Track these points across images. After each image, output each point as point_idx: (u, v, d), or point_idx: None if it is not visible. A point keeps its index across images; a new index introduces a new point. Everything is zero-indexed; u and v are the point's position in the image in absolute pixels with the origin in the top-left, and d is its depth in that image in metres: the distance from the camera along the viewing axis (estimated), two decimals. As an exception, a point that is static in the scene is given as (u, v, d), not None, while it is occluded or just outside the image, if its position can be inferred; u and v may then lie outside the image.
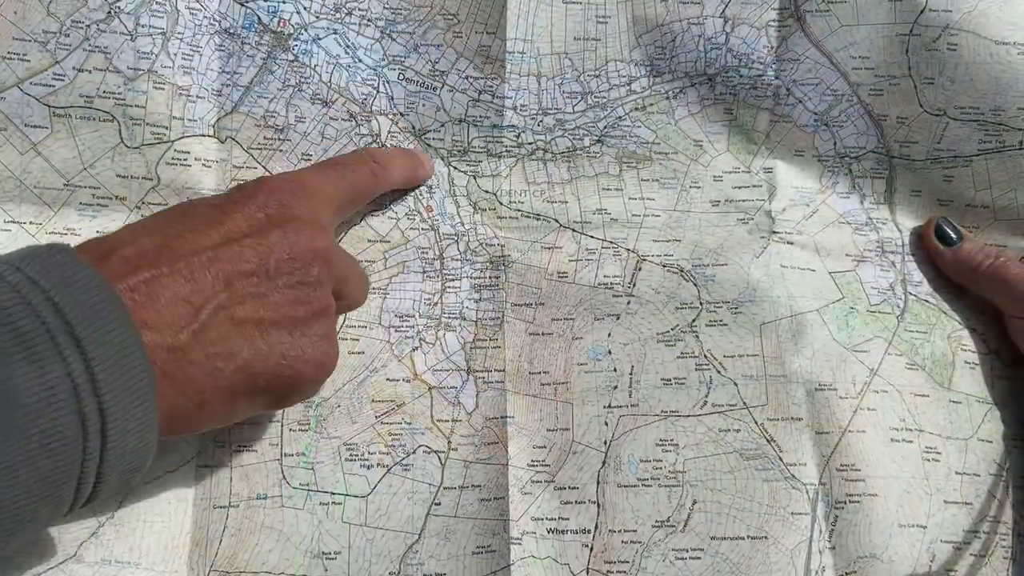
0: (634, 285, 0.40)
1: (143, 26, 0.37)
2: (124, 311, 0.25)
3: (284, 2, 0.40)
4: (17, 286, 0.23)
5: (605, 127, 0.42)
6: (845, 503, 0.37)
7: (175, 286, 0.27)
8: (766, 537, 0.36)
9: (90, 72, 0.36)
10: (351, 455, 0.36)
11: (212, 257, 0.28)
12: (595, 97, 0.42)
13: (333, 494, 0.36)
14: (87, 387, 0.23)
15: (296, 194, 0.31)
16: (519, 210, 0.41)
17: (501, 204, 0.41)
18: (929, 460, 0.39)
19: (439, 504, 0.36)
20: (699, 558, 0.36)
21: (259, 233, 0.29)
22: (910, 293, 0.42)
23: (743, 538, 0.36)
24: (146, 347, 0.25)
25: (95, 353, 0.23)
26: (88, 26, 0.36)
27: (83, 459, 0.24)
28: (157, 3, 0.37)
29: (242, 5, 0.39)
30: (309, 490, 0.36)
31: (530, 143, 0.42)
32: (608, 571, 0.36)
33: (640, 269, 0.41)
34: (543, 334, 0.39)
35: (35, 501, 0.23)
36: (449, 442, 0.37)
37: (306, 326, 0.30)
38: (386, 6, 0.41)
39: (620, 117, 0.42)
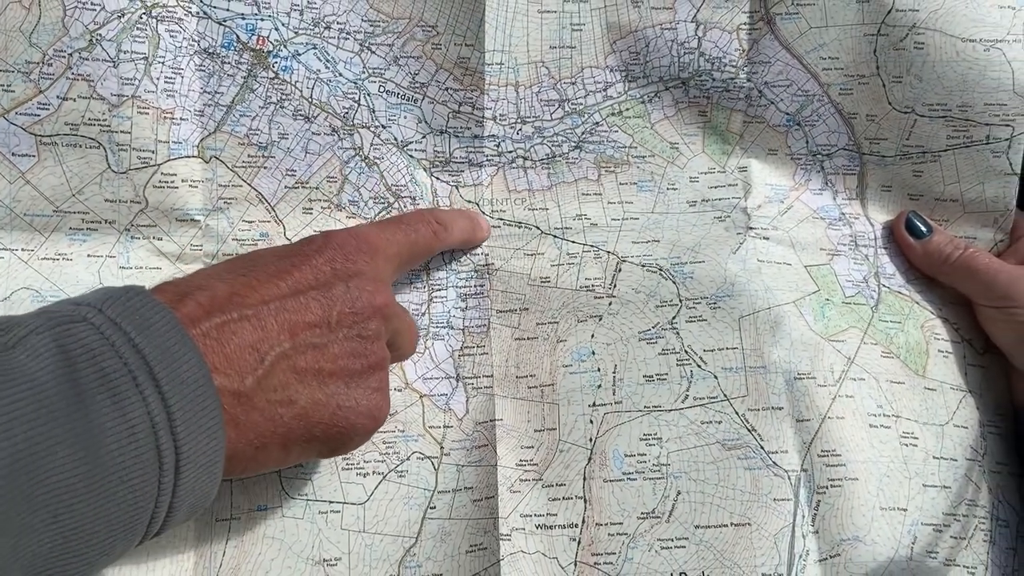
0: (615, 286, 0.42)
1: (125, 52, 0.38)
2: (198, 354, 0.26)
3: (262, 19, 0.40)
4: (100, 328, 0.25)
5: (583, 133, 0.43)
6: (827, 488, 0.38)
7: (244, 333, 0.28)
8: (749, 524, 0.37)
9: (74, 100, 0.37)
10: (347, 464, 0.38)
11: (279, 307, 0.29)
12: (572, 104, 0.43)
13: (331, 502, 0.37)
14: (164, 426, 0.24)
15: (361, 250, 0.32)
16: (501, 218, 0.42)
17: (484, 213, 0.42)
18: (907, 445, 0.40)
19: (434, 507, 0.38)
20: (684, 547, 0.37)
21: (324, 286, 0.30)
22: (883, 285, 0.43)
23: (727, 525, 0.38)
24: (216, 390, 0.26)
25: (172, 393, 0.25)
26: (70, 55, 0.37)
27: (158, 494, 0.25)
28: (138, 28, 0.38)
29: (220, 24, 0.40)
30: (308, 499, 0.37)
31: (510, 152, 0.43)
32: (595, 563, 0.37)
33: (620, 270, 0.42)
34: (528, 338, 0.41)
35: (115, 534, 0.24)
36: (441, 447, 0.39)
37: (362, 378, 0.31)
38: (364, 19, 0.41)
39: (597, 123, 0.43)
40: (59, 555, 0.23)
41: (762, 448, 0.39)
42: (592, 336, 0.41)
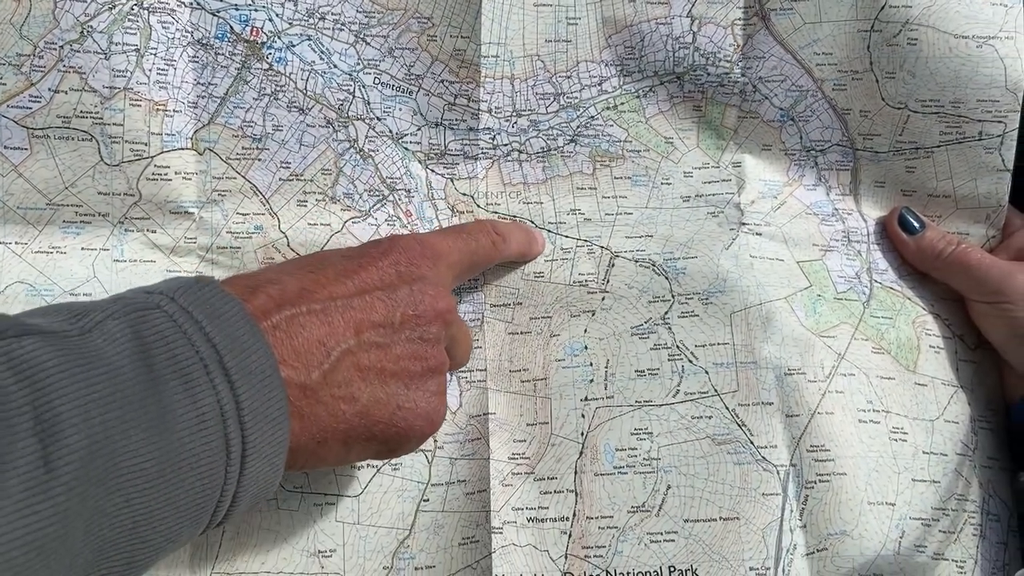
0: (608, 281, 0.42)
1: (117, 44, 0.37)
2: (267, 346, 0.26)
3: (256, 10, 0.40)
4: (173, 316, 0.25)
5: (578, 127, 0.43)
6: (815, 482, 0.39)
7: (312, 327, 0.28)
8: (738, 518, 0.38)
9: (66, 93, 0.37)
10: (340, 457, 0.38)
11: (346, 304, 0.30)
12: (567, 98, 0.43)
13: (326, 495, 0.37)
14: (233, 414, 0.25)
15: (425, 256, 0.33)
16: (496, 212, 0.42)
17: (478, 206, 0.42)
18: (896, 440, 0.40)
19: (427, 500, 0.38)
20: (673, 540, 0.38)
21: (389, 287, 0.31)
22: (875, 280, 0.44)
23: (715, 519, 0.38)
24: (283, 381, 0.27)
25: (240, 383, 0.25)
26: (62, 47, 0.37)
27: (224, 482, 0.25)
28: (130, 19, 0.38)
29: (213, 15, 0.40)
30: (303, 492, 0.37)
31: (505, 145, 0.43)
32: (586, 556, 0.38)
33: (613, 265, 0.42)
34: (522, 333, 0.41)
35: (182, 521, 0.25)
36: (435, 440, 0.39)
37: (421, 380, 0.31)
38: (359, 9, 0.41)
39: (592, 117, 0.43)
40: (127, 540, 0.23)
41: (751, 443, 0.39)
42: (585, 331, 0.41)
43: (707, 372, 0.40)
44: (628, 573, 0.37)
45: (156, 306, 0.25)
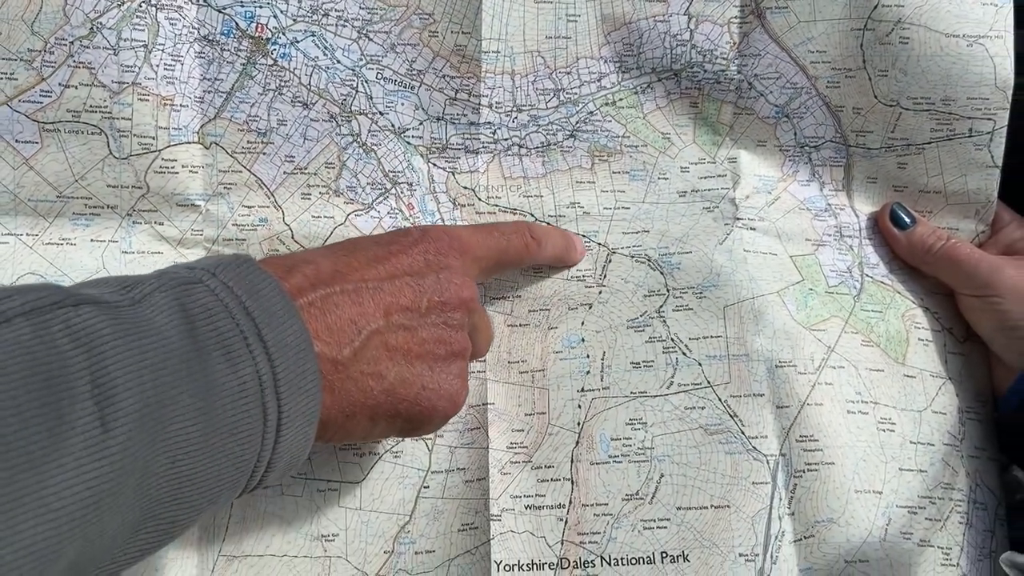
0: (605, 276, 0.43)
1: (125, 40, 0.38)
2: (301, 321, 0.28)
3: (261, 6, 0.41)
4: (216, 290, 0.26)
5: (577, 122, 0.44)
6: (804, 472, 0.39)
7: (344, 307, 0.30)
8: (729, 506, 0.39)
9: (76, 88, 0.38)
10: (345, 445, 0.39)
11: (376, 287, 0.31)
12: (567, 93, 0.44)
13: (329, 481, 0.39)
14: (270, 385, 0.26)
15: (452, 247, 0.34)
16: (497, 205, 0.43)
17: (479, 200, 0.43)
18: (884, 430, 0.41)
19: (427, 487, 0.39)
20: (665, 527, 0.39)
21: (417, 274, 0.32)
22: (867, 275, 0.44)
23: (707, 507, 0.39)
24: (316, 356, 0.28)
25: (277, 355, 0.26)
26: (72, 43, 0.37)
27: (260, 449, 0.27)
28: (138, 16, 0.38)
29: (219, 12, 0.40)
30: (307, 478, 0.38)
31: (506, 139, 0.44)
32: (581, 542, 0.39)
33: (610, 261, 0.43)
34: (520, 325, 0.42)
35: (222, 484, 0.26)
36: (435, 429, 0.40)
37: (445, 363, 0.33)
38: (362, 6, 0.42)
39: (591, 112, 0.44)
40: (172, 499, 0.25)
41: (743, 433, 0.40)
42: (582, 324, 0.42)
43: (700, 364, 0.41)
44: (622, 559, 0.38)
45: (199, 280, 0.27)
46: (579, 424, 0.40)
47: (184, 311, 0.25)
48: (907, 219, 0.44)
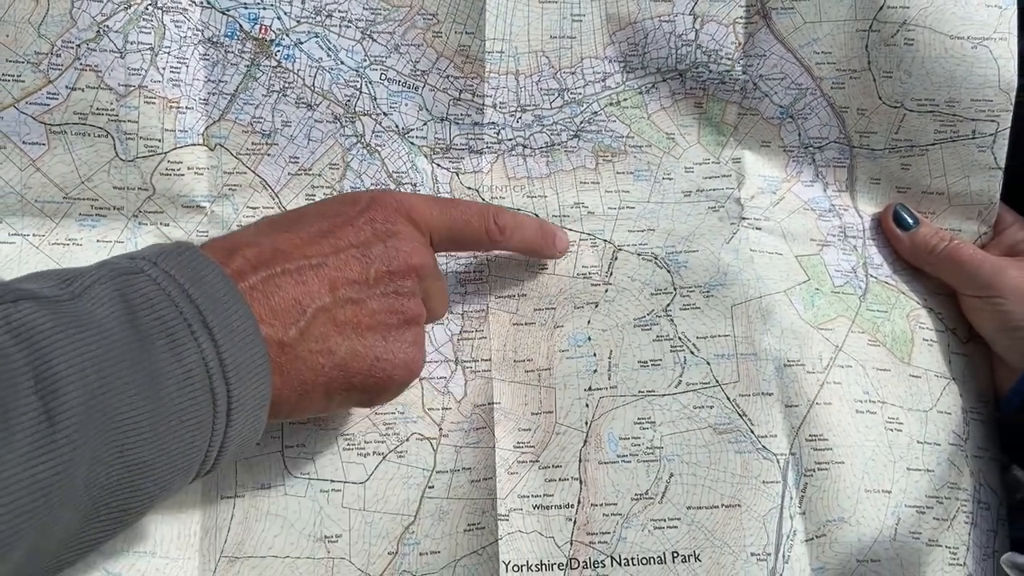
0: (611, 274, 0.43)
1: (132, 43, 0.38)
2: (246, 306, 0.28)
3: (264, 8, 0.41)
4: (157, 279, 0.26)
5: (581, 122, 0.44)
6: (814, 471, 0.39)
7: (287, 287, 0.30)
8: (739, 505, 0.39)
9: (83, 90, 0.38)
10: (348, 444, 0.39)
11: (320, 263, 0.31)
12: (571, 93, 0.44)
13: (332, 481, 0.38)
14: (217, 371, 0.26)
15: (400, 212, 0.34)
16: (501, 205, 0.43)
17: (484, 200, 0.43)
18: (892, 430, 0.41)
19: (432, 487, 0.39)
20: (676, 527, 0.39)
21: (364, 245, 0.32)
22: (871, 275, 0.44)
23: (717, 506, 0.39)
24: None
25: (223, 341, 0.26)
26: (79, 46, 0.37)
27: (211, 434, 0.27)
28: (144, 19, 0.39)
29: (223, 13, 0.40)
30: (310, 478, 0.38)
31: (510, 139, 0.44)
32: (591, 542, 0.38)
33: (616, 258, 0.43)
34: (526, 324, 0.42)
35: (173, 470, 0.26)
36: (440, 429, 0.40)
37: (398, 332, 0.32)
38: (365, 7, 0.42)
39: (595, 112, 0.44)
40: (123, 488, 0.25)
41: (752, 432, 0.40)
42: (588, 322, 0.42)
43: (708, 363, 0.41)
44: (632, 559, 0.38)
45: (140, 270, 0.27)
46: (587, 423, 0.40)
47: (125, 301, 0.25)
48: (910, 220, 0.44)
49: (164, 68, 0.39)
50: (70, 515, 0.23)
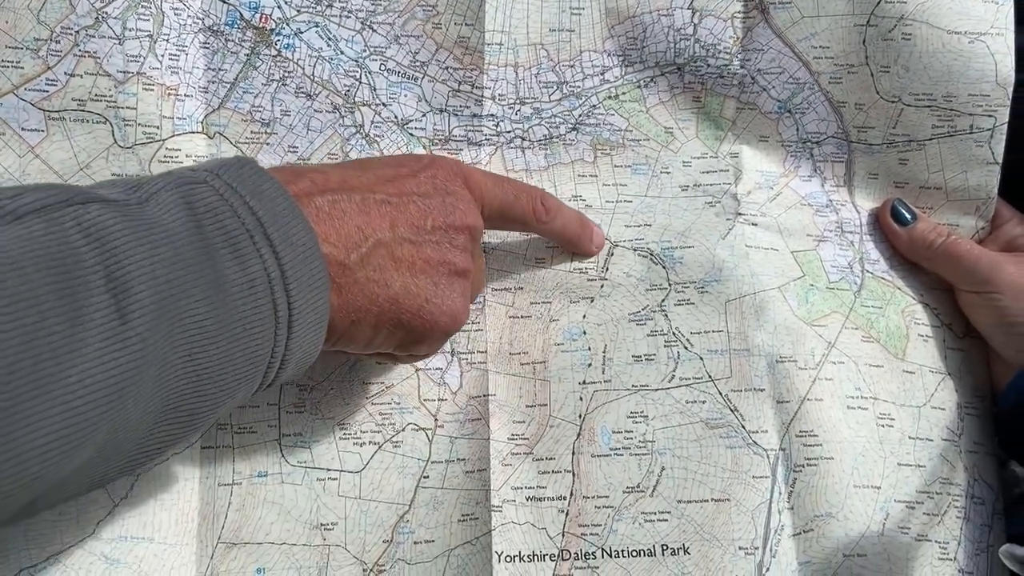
0: (607, 269, 0.43)
1: (130, 30, 0.38)
2: (306, 221, 0.28)
3: (265, -4, 0.41)
4: (219, 190, 0.27)
5: (580, 115, 0.44)
6: (803, 466, 0.40)
7: (351, 213, 0.30)
8: (729, 499, 0.39)
9: (81, 77, 0.38)
10: (345, 434, 0.39)
11: (383, 200, 0.31)
12: (570, 86, 0.44)
13: (329, 470, 0.39)
14: (279, 282, 0.27)
15: (459, 176, 0.35)
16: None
17: (480, 192, 0.43)
18: (883, 426, 0.41)
19: (427, 477, 0.39)
20: (666, 520, 0.39)
21: (424, 196, 0.33)
22: (867, 270, 0.45)
23: (707, 500, 0.39)
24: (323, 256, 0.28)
25: (285, 253, 0.27)
26: (77, 32, 0.38)
27: (274, 344, 0.27)
28: (143, 6, 0.39)
29: (224, 2, 0.40)
30: (307, 467, 0.39)
31: (508, 131, 0.44)
32: (582, 534, 0.39)
33: (612, 254, 0.43)
34: (522, 317, 0.42)
35: (239, 378, 0.27)
36: (436, 419, 0.40)
37: (448, 281, 0.33)
38: (365, -4, 0.42)
39: (594, 105, 0.44)
40: (191, 392, 0.25)
41: (743, 427, 0.40)
42: (584, 316, 0.42)
43: (702, 358, 0.41)
44: (622, 551, 0.38)
45: (203, 180, 0.27)
46: (580, 416, 0.40)
47: (191, 209, 0.26)
48: (908, 215, 0.44)
49: (163, 55, 0.39)
50: (141, 414, 0.24)
